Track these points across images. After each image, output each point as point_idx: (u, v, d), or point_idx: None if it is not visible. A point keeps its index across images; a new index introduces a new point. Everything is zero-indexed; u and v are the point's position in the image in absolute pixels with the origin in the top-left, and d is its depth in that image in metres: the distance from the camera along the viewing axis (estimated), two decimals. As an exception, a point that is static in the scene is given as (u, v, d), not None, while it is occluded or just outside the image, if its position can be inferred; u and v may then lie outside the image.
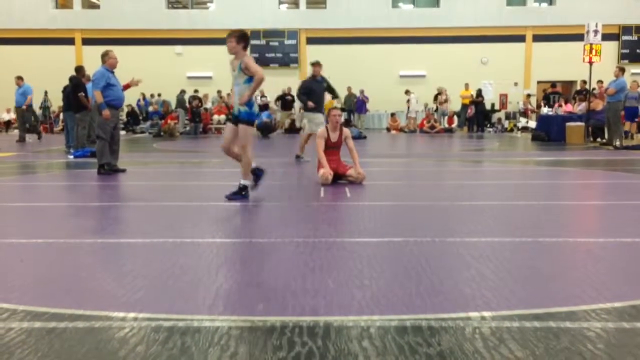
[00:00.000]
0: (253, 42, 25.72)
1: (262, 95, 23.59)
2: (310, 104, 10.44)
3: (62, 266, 3.78)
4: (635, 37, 25.28)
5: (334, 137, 7.65)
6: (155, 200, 6.42)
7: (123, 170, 8.94)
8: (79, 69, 12.58)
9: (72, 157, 11.60)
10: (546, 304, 2.94)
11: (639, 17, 24.85)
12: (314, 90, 10.68)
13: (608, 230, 4.99)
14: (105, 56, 8.71)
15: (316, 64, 10.91)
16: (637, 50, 25.30)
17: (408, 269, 3.60)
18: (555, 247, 4.20)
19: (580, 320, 2.72)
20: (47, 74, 23.97)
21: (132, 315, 2.79)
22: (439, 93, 23.26)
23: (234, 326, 2.66)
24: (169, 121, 20.99)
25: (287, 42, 25.89)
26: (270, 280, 3.39)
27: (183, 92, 23.08)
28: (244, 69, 6.00)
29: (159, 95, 24.56)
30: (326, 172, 7.39)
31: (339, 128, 7.70)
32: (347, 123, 19.40)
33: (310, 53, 25.85)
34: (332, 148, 7.63)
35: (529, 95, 24.87)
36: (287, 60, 25.98)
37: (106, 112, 8.50)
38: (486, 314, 2.79)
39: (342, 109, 19.14)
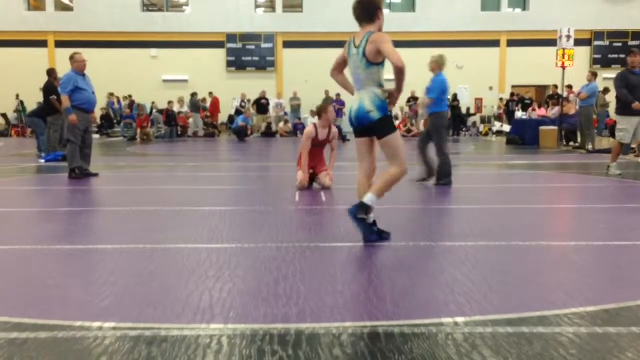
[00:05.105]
0: (229, 45, 25.65)
1: (243, 101, 23.48)
2: (637, 104, 8.49)
3: (27, 274, 3.66)
4: (607, 42, 25.71)
5: (322, 134, 7.49)
6: (126, 205, 6.30)
7: (95, 174, 8.79)
8: (51, 72, 12.35)
9: (43, 160, 11.39)
10: (519, 308, 2.92)
11: (611, 23, 25.30)
12: (635, 84, 8.62)
13: (580, 234, 5.02)
14: (71, 59, 8.54)
15: (635, 53, 8.87)
16: (609, 56, 25.74)
17: (381, 273, 3.57)
18: (527, 250, 4.20)
19: (552, 325, 2.71)
20: (19, 77, 23.61)
21: (97, 324, 2.70)
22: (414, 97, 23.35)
23: (203, 334, 2.59)
24: (141, 125, 20.69)
25: (264, 45, 25.80)
26: (241, 286, 3.33)
27: (194, 94, 22.82)
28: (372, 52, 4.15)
29: (130, 96, 24.16)
30: (303, 178, 7.33)
31: (328, 126, 7.56)
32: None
33: (287, 56, 25.83)
34: (317, 146, 7.53)
35: (501, 99, 25.14)
36: (264, 63, 25.91)
37: (72, 117, 8.32)
38: (459, 319, 2.77)
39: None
